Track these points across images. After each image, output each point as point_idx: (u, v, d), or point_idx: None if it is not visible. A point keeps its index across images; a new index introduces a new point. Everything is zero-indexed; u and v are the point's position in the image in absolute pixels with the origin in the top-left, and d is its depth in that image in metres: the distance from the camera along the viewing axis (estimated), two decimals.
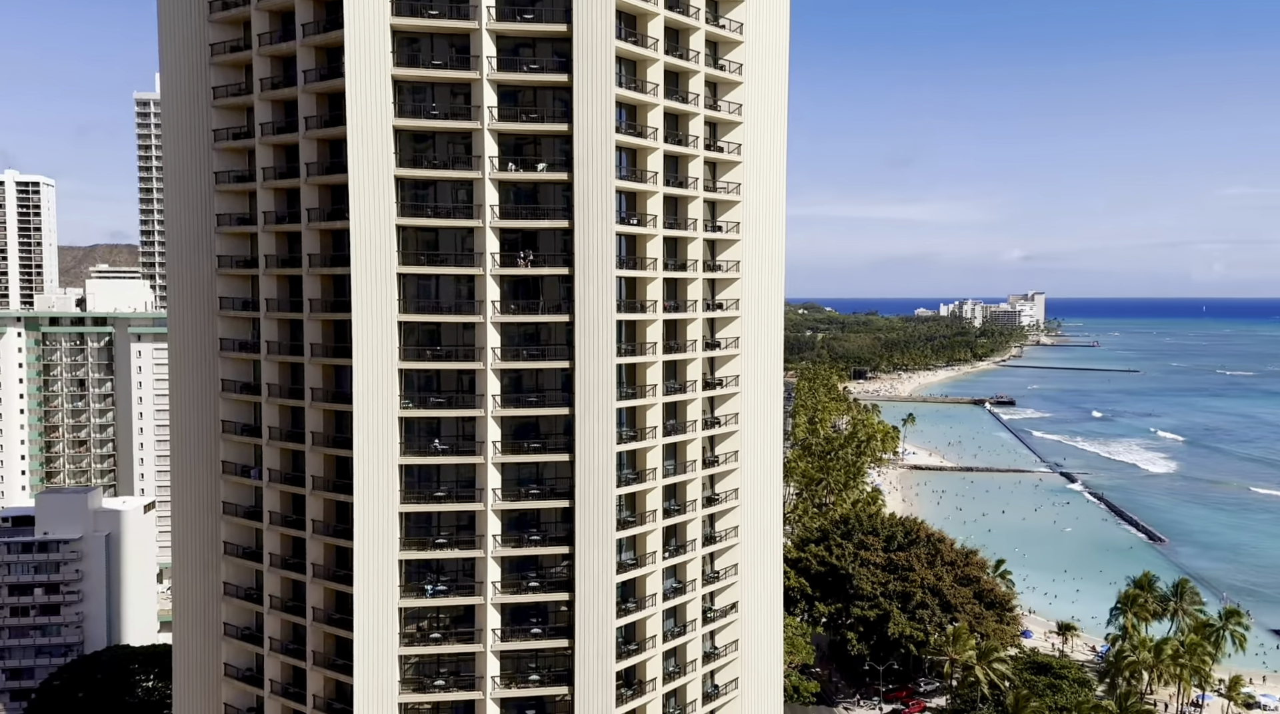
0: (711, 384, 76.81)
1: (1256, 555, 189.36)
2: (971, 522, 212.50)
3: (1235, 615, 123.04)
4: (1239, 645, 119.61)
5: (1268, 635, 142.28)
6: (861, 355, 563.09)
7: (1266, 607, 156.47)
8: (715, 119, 74.91)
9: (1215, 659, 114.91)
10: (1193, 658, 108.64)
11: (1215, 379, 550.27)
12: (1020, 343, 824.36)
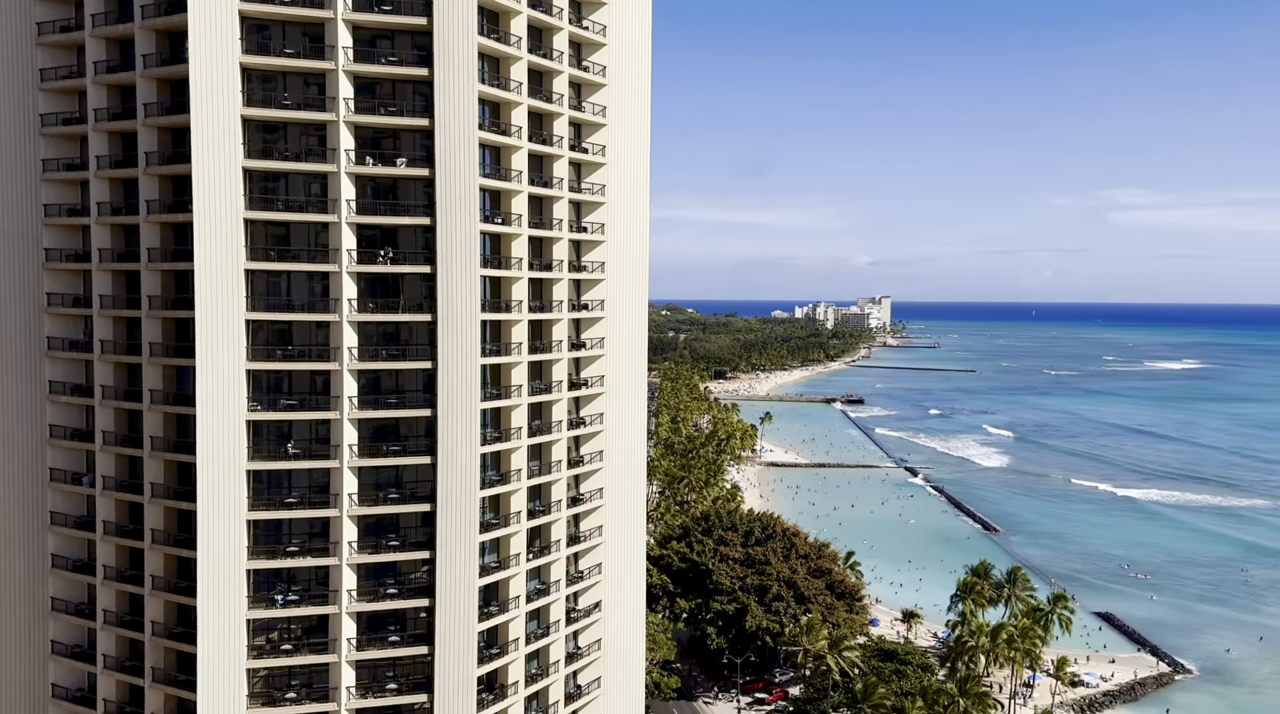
0: (577, 384, 76.94)
1: (1079, 543, 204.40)
2: (824, 516, 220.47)
3: (1062, 600, 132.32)
4: (1065, 628, 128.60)
5: (1090, 618, 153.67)
6: (722, 356, 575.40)
7: (1089, 591, 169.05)
8: (580, 120, 75.09)
9: (1045, 641, 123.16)
10: (1025, 641, 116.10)
11: (1043, 378, 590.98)
12: (869, 344, 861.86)
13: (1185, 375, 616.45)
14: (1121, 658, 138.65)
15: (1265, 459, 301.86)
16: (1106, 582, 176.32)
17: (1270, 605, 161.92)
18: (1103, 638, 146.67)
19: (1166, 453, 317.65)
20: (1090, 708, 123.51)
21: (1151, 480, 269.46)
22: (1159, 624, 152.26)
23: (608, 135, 76.35)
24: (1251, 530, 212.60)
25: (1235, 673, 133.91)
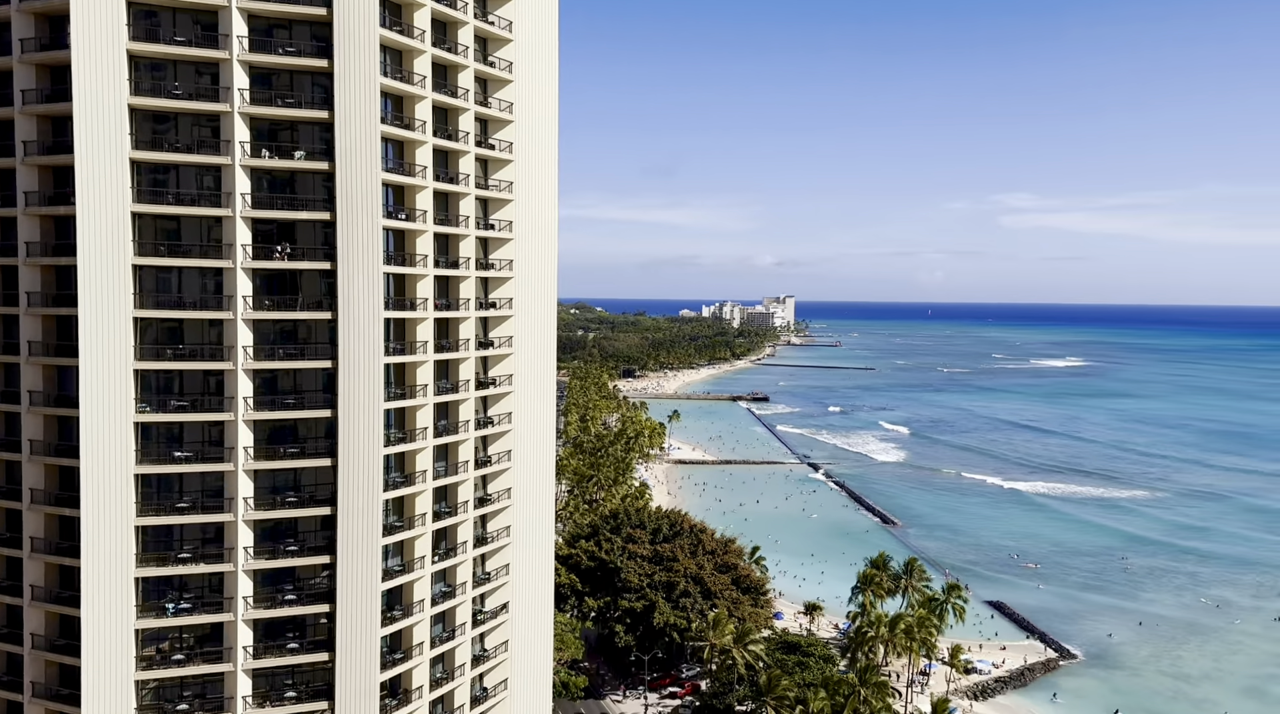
0: (485, 383, 76.10)
1: (972, 535, 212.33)
2: (730, 512, 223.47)
3: (956, 590, 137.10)
4: (959, 617, 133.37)
5: (983, 607, 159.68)
6: (631, 354, 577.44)
7: (981, 581, 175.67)
8: (486, 116, 74.27)
9: (940, 630, 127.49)
10: (921, 630, 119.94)
11: (937, 376, 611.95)
12: (774, 342, 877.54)
13: (1069, 372, 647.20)
14: (1012, 645, 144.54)
15: (1143, 452, 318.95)
16: (997, 571, 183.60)
17: (1148, 592, 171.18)
18: (994, 626, 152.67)
19: (1052, 447, 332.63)
20: (983, 694, 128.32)
21: (1038, 474, 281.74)
22: (1046, 611, 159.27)
23: (515, 132, 75.75)
24: (1130, 521, 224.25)
25: (1117, 656, 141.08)
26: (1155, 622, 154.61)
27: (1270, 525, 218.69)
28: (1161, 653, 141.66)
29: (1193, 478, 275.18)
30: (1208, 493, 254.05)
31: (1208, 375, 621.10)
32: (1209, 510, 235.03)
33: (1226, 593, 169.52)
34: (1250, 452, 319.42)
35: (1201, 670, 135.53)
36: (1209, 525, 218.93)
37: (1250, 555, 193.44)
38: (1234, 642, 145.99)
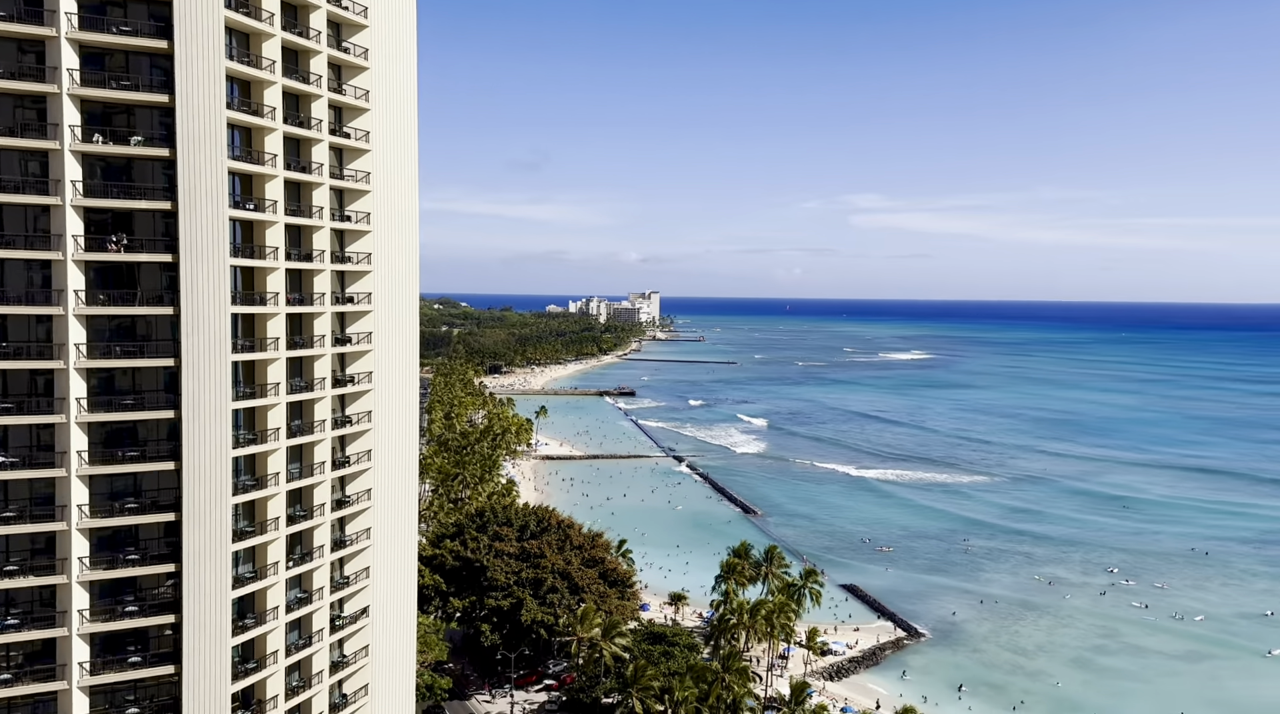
0: (342, 381, 73.70)
1: (827, 522, 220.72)
2: (598, 506, 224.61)
3: (813, 575, 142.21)
4: (816, 601, 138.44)
5: (837, 590, 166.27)
6: (497, 350, 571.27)
7: (836, 565, 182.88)
8: (341, 103, 71.89)
9: (798, 615, 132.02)
10: (781, 616, 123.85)
11: (795, 369, 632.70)
12: (639, 338, 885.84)
13: (915, 365, 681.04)
14: (865, 626, 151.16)
15: (981, 440, 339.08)
16: (851, 556, 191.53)
17: (987, 572, 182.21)
18: (848, 608, 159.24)
19: (900, 436, 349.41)
20: (838, 674, 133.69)
21: (888, 462, 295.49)
22: (896, 593, 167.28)
23: (372, 120, 73.62)
24: (971, 505, 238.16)
25: (960, 634, 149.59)
26: (994, 600, 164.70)
27: (1094, 507, 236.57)
28: (1000, 629, 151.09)
29: (1026, 463, 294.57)
30: (1039, 477, 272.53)
31: (1037, 366, 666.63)
32: (1040, 493, 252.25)
33: (1058, 570, 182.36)
34: (1074, 437, 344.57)
35: (1036, 644, 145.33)
36: (1041, 508, 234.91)
37: (1077, 535, 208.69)
38: (1065, 616, 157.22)
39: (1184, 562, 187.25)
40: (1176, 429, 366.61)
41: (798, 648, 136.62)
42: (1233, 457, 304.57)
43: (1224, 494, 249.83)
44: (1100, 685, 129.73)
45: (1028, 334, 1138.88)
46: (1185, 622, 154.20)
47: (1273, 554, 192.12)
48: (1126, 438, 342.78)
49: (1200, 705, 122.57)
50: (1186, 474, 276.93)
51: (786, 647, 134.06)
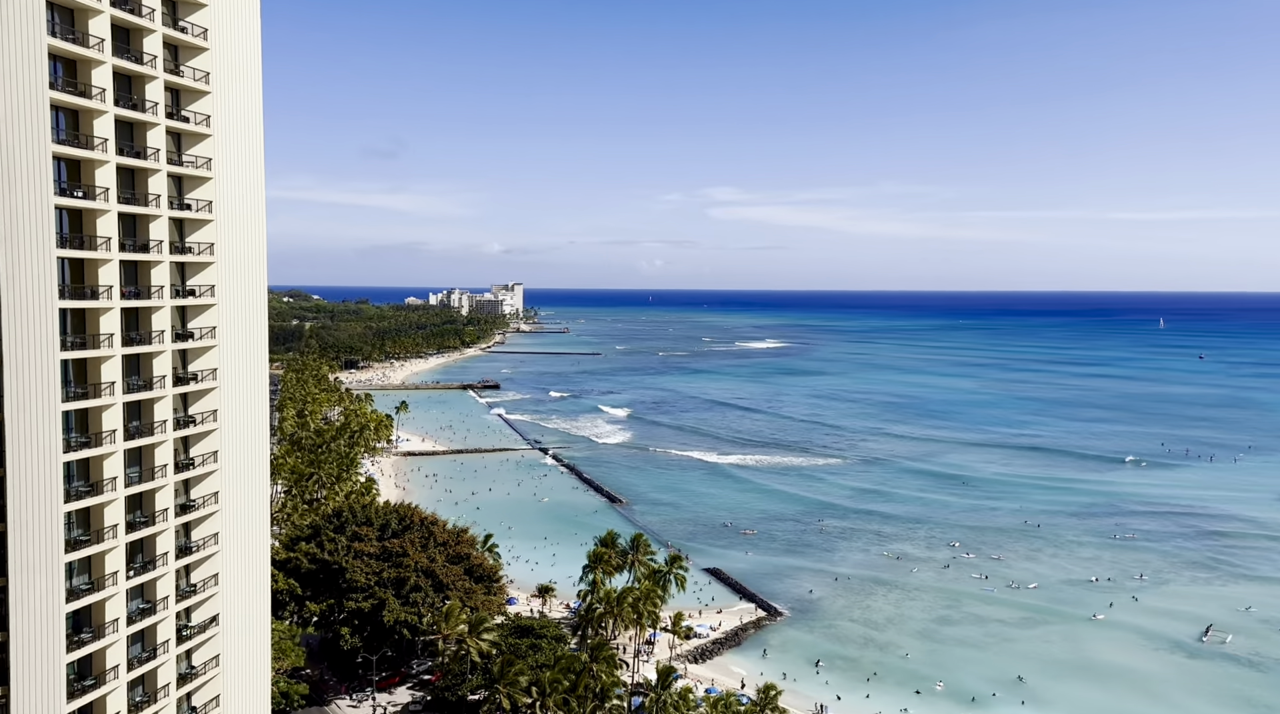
0: (184, 379, 69.81)
1: (690, 508, 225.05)
2: (463, 501, 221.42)
3: (677, 561, 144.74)
4: (681, 586, 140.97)
5: (701, 575, 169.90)
6: (353, 344, 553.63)
7: (700, 551, 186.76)
8: (179, 85, 67.92)
9: (664, 601, 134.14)
10: (647, 603, 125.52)
11: (657, 360, 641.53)
12: (503, 330, 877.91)
13: (771, 353, 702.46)
14: (727, 608, 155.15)
15: (834, 425, 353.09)
16: (714, 541, 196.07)
17: (841, 551, 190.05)
18: (711, 591, 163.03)
19: (759, 423, 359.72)
20: (702, 656, 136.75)
21: (747, 448, 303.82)
22: (757, 574, 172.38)
23: (213, 104, 69.87)
24: (825, 488, 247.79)
25: (817, 611, 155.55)
26: (848, 577, 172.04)
27: (937, 485, 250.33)
28: (853, 604, 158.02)
29: (874, 446, 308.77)
30: (886, 459, 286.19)
31: (883, 353, 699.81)
32: (888, 474, 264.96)
33: (905, 547, 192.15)
34: (917, 420, 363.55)
35: (886, 617, 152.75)
36: (888, 488, 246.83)
37: (922, 513, 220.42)
38: (912, 590, 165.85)
39: (1018, 534, 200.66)
40: (1009, 410, 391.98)
41: (663, 633, 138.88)
42: (1059, 435, 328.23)
43: (1052, 470, 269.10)
44: (945, 654, 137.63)
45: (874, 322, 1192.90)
46: (1020, 591, 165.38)
47: (1095, 525, 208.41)
48: (964, 420, 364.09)
49: (1036, 667, 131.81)
50: (1018, 452, 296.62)
51: (653, 632, 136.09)
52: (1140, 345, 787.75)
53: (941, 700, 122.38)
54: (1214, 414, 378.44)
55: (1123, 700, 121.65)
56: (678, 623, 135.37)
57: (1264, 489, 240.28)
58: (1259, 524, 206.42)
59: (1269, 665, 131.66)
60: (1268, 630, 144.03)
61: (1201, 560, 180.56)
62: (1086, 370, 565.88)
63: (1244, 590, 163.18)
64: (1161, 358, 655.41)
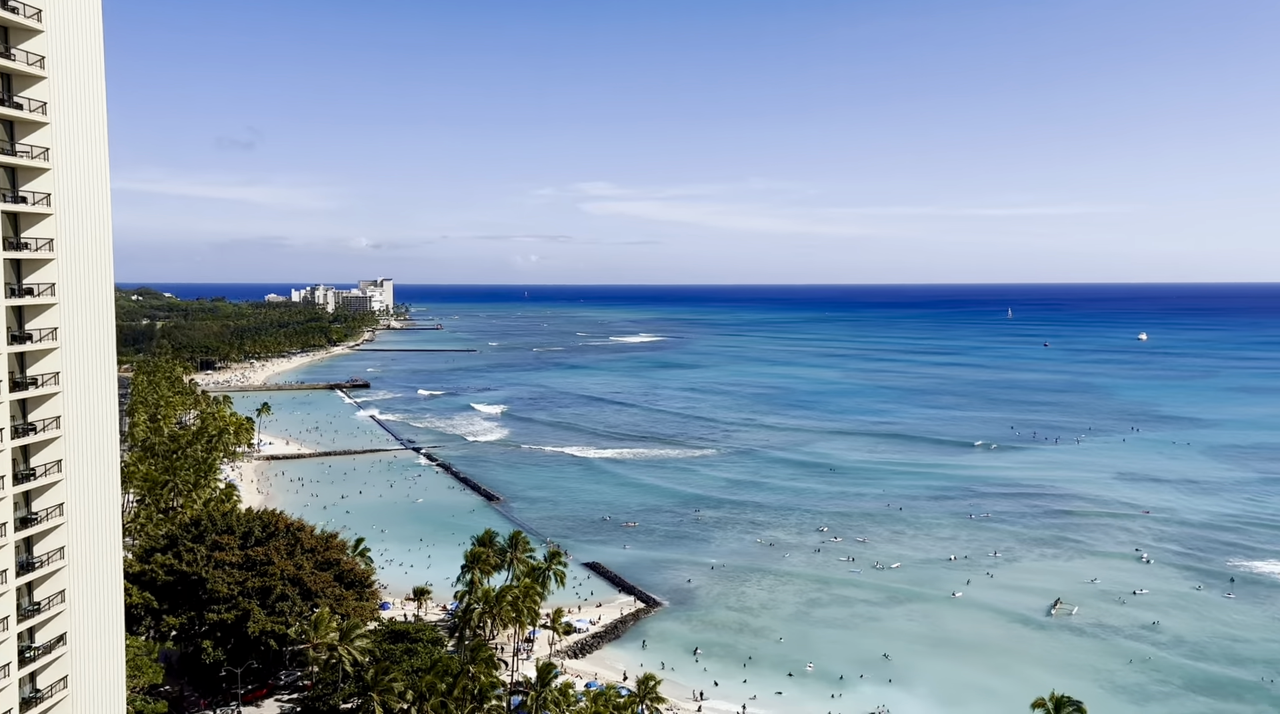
0: (22, 384, 64.99)
1: (569, 503, 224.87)
2: (331, 505, 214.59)
3: (557, 556, 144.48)
4: (560, 582, 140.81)
5: (580, 569, 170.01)
6: (210, 344, 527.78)
7: (579, 545, 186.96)
8: (9, 69, 63.10)
9: (543, 598, 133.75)
10: (526, 600, 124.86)
11: (533, 356, 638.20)
12: (372, 327, 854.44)
13: (646, 347, 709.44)
14: (607, 601, 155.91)
15: (708, 417, 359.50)
16: (593, 535, 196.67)
17: (716, 540, 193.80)
18: (591, 586, 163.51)
19: (636, 416, 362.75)
20: (582, 651, 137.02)
21: (624, 442, 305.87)
22: (636, 566, 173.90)
23: (49, 90, 65.22)
24: (700, 479, 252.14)
25: (695, 600, 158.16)
26: (723, 565, 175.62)
27: (806, 473, 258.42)
28: (729, 592, 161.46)
29: (746, 436, 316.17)
30: (758, 449, 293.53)
31: (753, 346, 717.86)
32: (759, 464, 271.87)
33: (777, 534, 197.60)
34: (786, 410, 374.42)
35: (760, 603, 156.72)
36: (760, 478, 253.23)
37: (792, 500, 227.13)
38: (784, 575, 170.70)
39: (882, 518, 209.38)
40: (871, 399, 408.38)
41: (543, 630, 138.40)
42: (917, 422, 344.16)
43: (911, 456, 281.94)
44: (815, 635, 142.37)
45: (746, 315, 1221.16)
46: (885, 572, 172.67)
47: (952, 506, 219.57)
48: (830, 409, 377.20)
49: (900, 645, 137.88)
50: (881, 439, 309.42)
51: (532, 630, 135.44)
52: (991, 335, 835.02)
53: (812, 681, 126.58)
54: (1058, 399, 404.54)
55: (979, 672, 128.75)
56: (557, 619, 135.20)
57: (1103, 469, 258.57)
58: (1100, 502, 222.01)
59: (1109, 634, 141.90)
60: (1108, 602, 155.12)
61: (1049, 538, 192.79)
62: (942, 359, 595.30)
63: (1087, 565, 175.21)
64: (1010, 346, 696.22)
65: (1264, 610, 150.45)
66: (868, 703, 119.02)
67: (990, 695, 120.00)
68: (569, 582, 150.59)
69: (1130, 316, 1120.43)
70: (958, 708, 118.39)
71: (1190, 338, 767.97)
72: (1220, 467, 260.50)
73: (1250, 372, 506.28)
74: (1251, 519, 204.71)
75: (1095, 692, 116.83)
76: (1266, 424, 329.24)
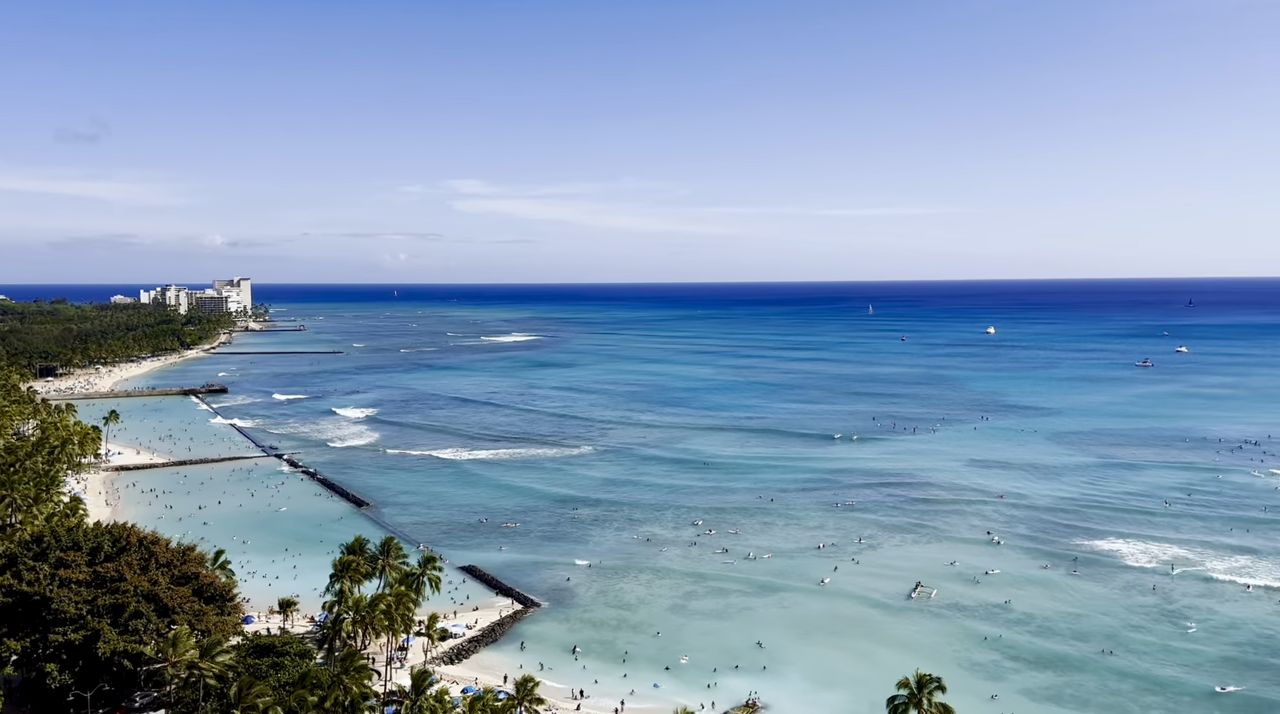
0: None
1: (443, 507, 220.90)
2: (187, 517, 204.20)
3: (431, 562, 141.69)
4: (435, 587, 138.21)
5: (456, 573, 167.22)
6: (49, 349, 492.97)
7: (454, 549, 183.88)
8: None
9: (418, 603, 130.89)
10: (400, 608, 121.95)
11: (404, 357, 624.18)
12: (229, 329, 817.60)
13: (520, 347, 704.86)
14: (484, 605, 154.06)
15: (584, 416, 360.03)
16: (469, 538, 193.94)
17: (594, 538, 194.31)
18: (468, 590, 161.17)
19: (511, 417, 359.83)
20: (459, 656, 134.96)
21: (500, 443, 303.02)
22: (514, 568, 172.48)
23: None
24: (576, 478, 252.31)
25: (573, 599, 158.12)
26: (602, 562, 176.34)
27: (681, 469, 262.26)
28: (607, 589, 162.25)
29: (622, 434, 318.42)
30: (634, 446, 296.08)
31: (629, 344, 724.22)
32: (636, 460, 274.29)
33: (654, 529, 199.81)
34: (661, 408, 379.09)
35: (638, 598, 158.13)
36: (637, 474, 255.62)
37: (668, 495, 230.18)
38: (661, 570, 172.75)
39: (754, 510, 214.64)
40: (742, 395, 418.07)
41: (418, 637, 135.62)
42: (786, 416, 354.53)
43: (781, 449, 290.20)
44: (692, 628, 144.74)
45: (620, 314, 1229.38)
46: (757, 562, 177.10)
47: (819, 497, 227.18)
48: (703, 405, 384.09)
49: (773, 633, 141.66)
50: (752, 434, 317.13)
51: (406, 637, 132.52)
52: (853, 330, 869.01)
53: (688, 673, 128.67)
54: (914, 391, 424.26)
55: (847, 656, 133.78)
56: (432, 625, 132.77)
57: (957, 457, 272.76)
58: (955, 488, 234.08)
59: (964, 614, 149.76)
60: (964, 584, 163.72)
61: (908, 524, 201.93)
62: (808, 355, 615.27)
63: (944, 549, 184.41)
64: (871, 341, 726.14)
65: (1103, 587, 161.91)
66: (741, 692, 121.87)
67: (857, 678, 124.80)
68: (445, 586, 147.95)
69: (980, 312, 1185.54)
70: (827, 691, 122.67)
71: (1034, 331, 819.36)
72: (1062, 452, 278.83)
73: (1087, 362, 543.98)
74: (1091, 501, 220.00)
75: (954, 669, 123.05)
76: (1102, 411, 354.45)
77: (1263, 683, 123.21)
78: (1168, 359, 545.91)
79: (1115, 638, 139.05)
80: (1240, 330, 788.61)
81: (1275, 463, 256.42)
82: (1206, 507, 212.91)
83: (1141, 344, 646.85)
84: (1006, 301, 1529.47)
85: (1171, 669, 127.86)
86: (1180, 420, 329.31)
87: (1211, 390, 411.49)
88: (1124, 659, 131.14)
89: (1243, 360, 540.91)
